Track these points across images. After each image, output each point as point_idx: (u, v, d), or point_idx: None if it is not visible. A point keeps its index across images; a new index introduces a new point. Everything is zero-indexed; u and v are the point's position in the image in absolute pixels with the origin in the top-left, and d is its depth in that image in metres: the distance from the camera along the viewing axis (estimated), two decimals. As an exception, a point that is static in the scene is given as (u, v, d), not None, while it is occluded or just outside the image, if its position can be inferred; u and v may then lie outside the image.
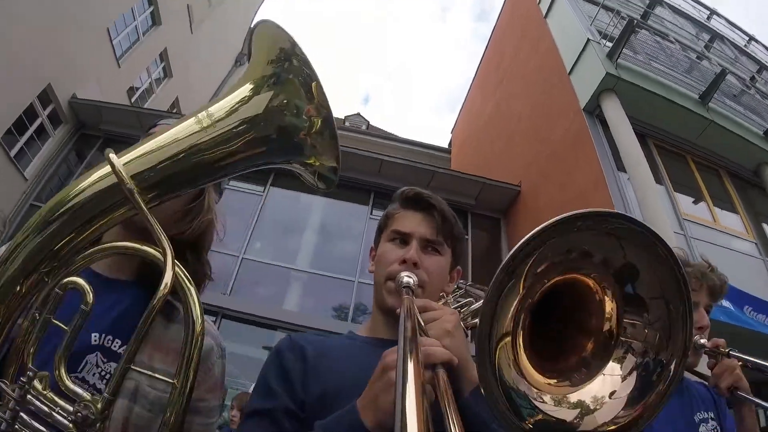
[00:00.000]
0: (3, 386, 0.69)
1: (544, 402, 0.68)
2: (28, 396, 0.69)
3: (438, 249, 1.14)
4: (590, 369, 0.71)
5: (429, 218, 1.14)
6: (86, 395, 0.72)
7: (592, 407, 0.68)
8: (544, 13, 10.43)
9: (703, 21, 12.22)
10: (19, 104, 9.00)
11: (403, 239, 1.13)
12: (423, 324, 0.88)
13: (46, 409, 0.70)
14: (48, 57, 9.20)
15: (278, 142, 0.84)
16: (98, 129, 10.60)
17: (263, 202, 9.59)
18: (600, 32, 8.68)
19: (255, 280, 9.08)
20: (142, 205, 0.73)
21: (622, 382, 0.69)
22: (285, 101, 0.82)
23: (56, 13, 8.99)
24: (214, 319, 7.94)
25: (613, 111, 7.57)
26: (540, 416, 0.67)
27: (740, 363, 1.38)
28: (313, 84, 0.80)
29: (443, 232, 1.14)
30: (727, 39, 12.10)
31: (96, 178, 0.75)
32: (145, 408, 0.93)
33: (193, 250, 1.10)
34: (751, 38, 12.80)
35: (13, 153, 9.05)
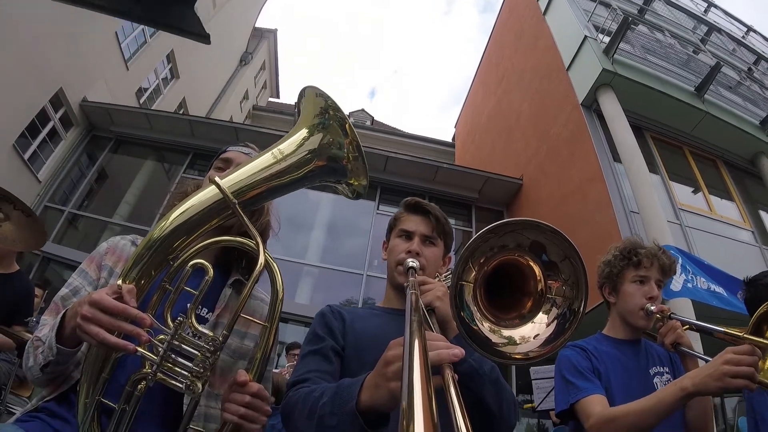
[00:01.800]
0: (162, 327, 1.01)
1: (482, 325, 0.98)
2: (178, 333, 1.01)
3: (434, 242, 1.54)
4: (525, 319, 1.01)
5: (427, 220, 1.54)
6: (210, 333, 1.03)
7: (517, 341, 0.98)
8: (543, 10, 10.54)
9: (700, 14, 12.26)
10: (31, 108, 9.24)
11: (408, 235, 1.53)
12: (421, 294, 1.21)
13: (188, 343, 1.02)
14: (59, 62, 9.43)
15: (330, 167, 1.20)
16: (109, 131, 10.87)
17: (272, 205, 9.79)
18: (597, 27, 8.81)
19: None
20: (241, 212, 1.09)
21: (546, 327, 0.99)
22: (331, 139, 1.17)
23: (65, 19, 9.13)
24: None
25: (610, 105, 7.74)
26: (475, 327, 0.97)
27: (686, 327, 1.65)
28: (347, 125, 1.16)
29: (437, 230, 1.54)
30: (725, 31, 12.14)
31: (207, 195, 1.11)
32: (228, 354, 1.29)
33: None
34: (750, 29, 12.84)
35: (26, 156, 9.29)
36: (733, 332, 1.44)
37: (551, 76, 9.59)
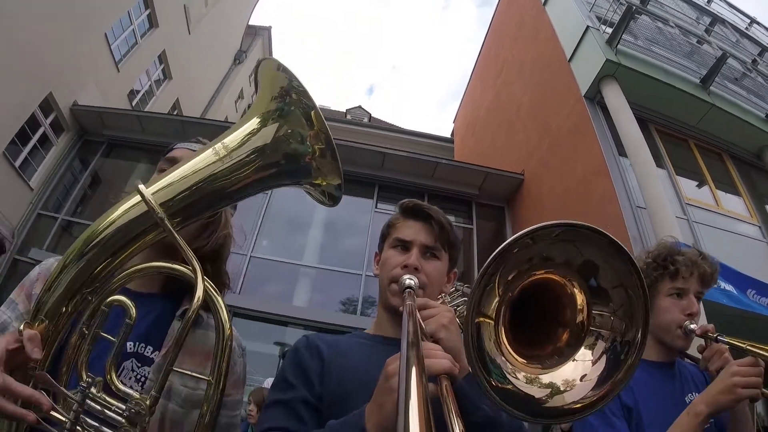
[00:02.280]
0: (66, 392, 0.80)
1: (516, 378, 0.78)
2: (87, 399, 0.80)
3: (436, 254, 1.27)
4: (563, 356, 0.81)
5: (428, 227, 1.26)
6: (136, 394, 0.82)
7: (562, 388, 0.78)
8: (542, 0, 10.37)
9: (703, 5, 12.07)
10: (20, 114, 9.05)
11: (405, 246, 1.26)
12: (422, 321, 0.98)
13: (101, 409, 0.81)
14: (47, 66, 9.24)
15: (286, 167, 0.97)
16: (101, 134, 10.69)
17: (269, 200, 9.66)
18: (599, 18, 8.62)
19: (264, 278, 9.18)
20: (173, 230, 0.84)
21: (593, 365, 0.79)
22: (289, 131, 0.94)
23: (53, 21, 8.99)
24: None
25: (614, 97, 7.56)
26: (509, 386, 0.76)
27: (728, 347, 1.45)
28: (312, 113, 0.92)
29: (441, 240, 1.26)
30: (728, 22, 11.95)
31: (127, 207, 0.86)
32: (178, 404, 1.05)
33: (213, 263, 1.20)
34: (753, 20, 12.64)
35: (17, 163, 9.13)
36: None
37: (552, 68, 9.40)
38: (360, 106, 22.26)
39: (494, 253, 0.73)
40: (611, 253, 0.75)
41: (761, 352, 1.32)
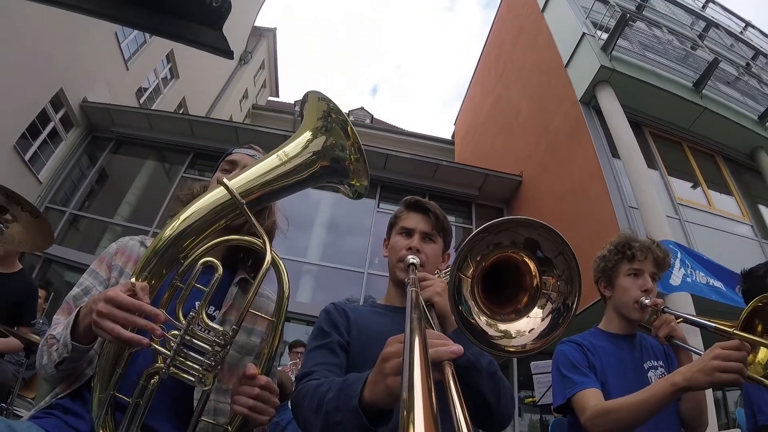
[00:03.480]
0: (174, 321, 1.05)
1: (479, 319, 1.01)
2: (190, 328, 1.05)
3: (433, 239, 1.57)
4: (519, 314, 1.04)
5: (426, 217, 1.58)
6: (220, 328, 1.07)
7: (513, 335, 1.01)
8: (541, 7, 10.55)
9: (698, 10, 12.25)
10: (32, 109, 9.24)
11: (408, 233, 1.57)
12: (421, 289, 1.26)
13: (200, 338, 1.06)
14: (59, 63, 9.45)
15: (333, 168, 1.26)
16: (109, 131, 10.86)
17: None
18: (595, 24, 8.80)
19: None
20: (248, 212, 1.14)
21: (541, 321, 1.02)
22: (334, 141, 1.22)
23: (64, 20, 9.09)
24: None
25: (608, 102, 7.76)
26: (472, 320, 1.00)
27: (679, 320, 1.68)
28: (348, 127, 1.20)
29: (437, 227, 1.58)
30: (723, 26, 12.13)
31: (214, 197, 1.15)
32: (236, 350, 1.31)
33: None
34: (748, 24, 12.81)
35: (27, 157, 9.30)
36: (724, 327, 1.47)
37: (550, 73, 9.60)
38: (362, 108, 22.46)
39: (465, 241, 0.98)
40: (543, 231, 0.98)
41: (747, 336, 1.36)
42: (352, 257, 9.76)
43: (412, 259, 1.44)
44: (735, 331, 1.41)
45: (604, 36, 8.21)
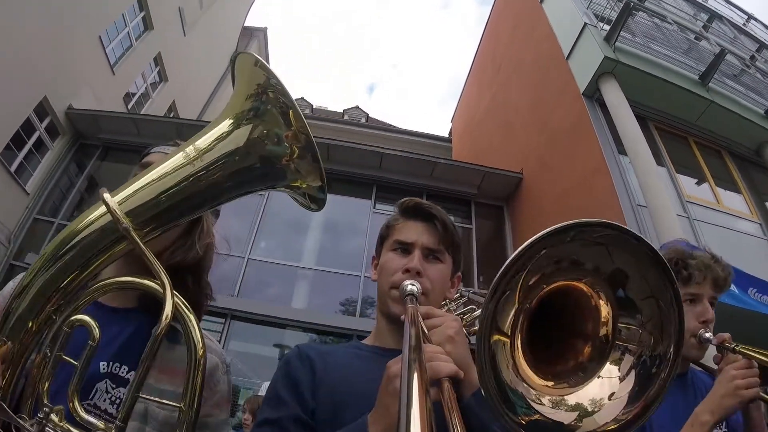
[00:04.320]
0: (21, 423, 0.73)
1: (541, 404, 0.70)
2: (46, 429, 0.73)
3: (439, 257, 1.18)
4: (587, 372, 0.74)
5: (431, 228, 1.17)
6: (100, 424, 0.77)
7: (590, 409, 0.71)
8: (539, -2, 10.35)
9: (701, 1, 12.06)
10: (15, 119, 8.99)
11: (405, 248, 1.17)
12: (426, 331, 0.91)
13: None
14: (42, 69, 9.18)
15: (262, 171, 0.91)
16: (97, 138, 10.62)
17: (266, 201, 9.61)
18: (597, 15, 8.59)
19: (262, 280, 9.15)
20: (139, 241, 0.78)
21: (621, 382, 0.72)
22: (265, 132, 0.87)
23: (47, 24, 8.94)
24: (223, 321, 8.02)
25: (613, 95, 7.52)
26: (537, 416, 0.69)
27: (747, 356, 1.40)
28: (291, 112, 0.85)
29: (444, 241, 1.17)
30: (726, 18, 11.93)
31: (93, 218, 0.80)
32: (155, 429, 0.98)
33: (193, 275, 1.14)
34: (750, 17, 12.63)
35: (13, 168, 9.07)
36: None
37: (550, 66, 9.37)
38: (357, 107, 22.23)
39: (520, 248, 0.65)
40: (646, 262, 0.69)
41: None
42: (348, 260, 9.52)
43: (410, 285, 1.06)
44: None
45: (606, 27, 7.98)
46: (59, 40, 9.30)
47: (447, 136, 18.36)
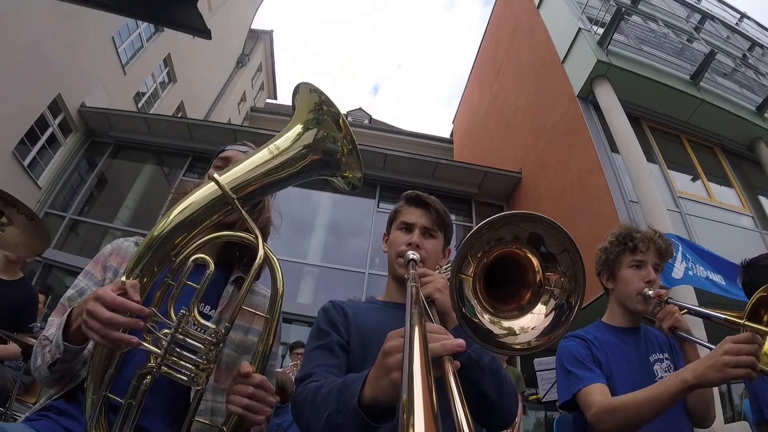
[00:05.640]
0: (165, 320, 1.03)
1: (483, 317, 1.00)
2: (181, 326, 1.03)
3: (434, 235, 1.54)
4: (523, 311, 1.03)
5: (427, 212, 1.55)
6: (213, 326, 1.05)
7: (516, 332, 1.00)
8: (536, 3, 10.54)
9: (693, 2, 12.23)
10: (30, 115, 9.26)
11: (408, 228, 1.54)
12: (421, 285, 1.22)
13: (191, 335, 1.04)
14: (56, 68, 9.46)
15: (325, 161, 1.23)
16: (108, 136, 10.86)
17: (272, 200, 9.80)
18: (591, 19, 8.80)
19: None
20: (240, 207, 1.11)
21: (544, 318, 1.00)
22: (325, 134, 1.19)
23: (62, 25, 9.15)
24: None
25: (606, 96, 7.74)
26: (476, 320, 0.99)
27: (684, 311, 1.66)
28: (340, 120, 1.18)
29: (437, 223, 1.54)
30: (718, 18, 12.11)
31: (204, 192, 1.13)
32: (232, 349, 1.30)
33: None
34: (743, 15, 12.78)
35: (26, 163, 9.33)
36: (732, 318, 1.44)
37: (547, 69, 9.58)
38: (360, 108, 22.44)
39: (465, 238, 0.97)
40: (548, 227, 0.96)
41: (758, 327, 1.34)
42: (352, 258, 9.75)
43: (412, 254, 1.41)
44: (745, 322, 1.37)
45: (600, 31, 8.19)
46: (73, 40, 9.56)
47: (449, 137, 18.53)
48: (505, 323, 1.01)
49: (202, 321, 1.06)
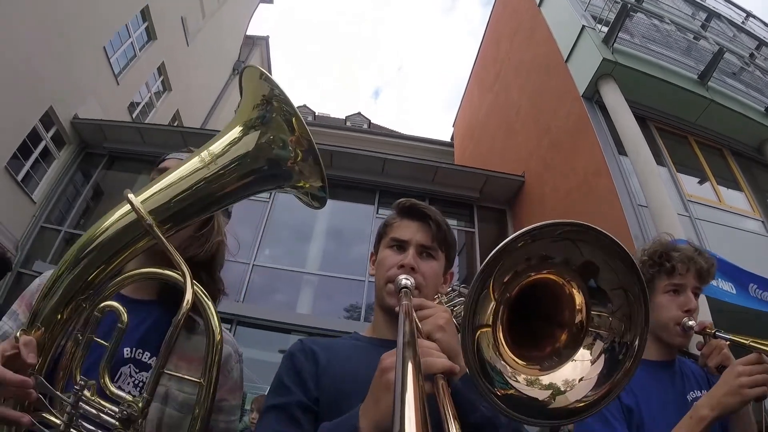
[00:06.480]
0: (60, 395, 0.83)
1: (517, 381, 0.77)
2: (80, 402, 0.82)
3: (433, 254, 1.25)
4: (562, 357, 0.81)
5: (425, 227, 1.25)
6: (128, 397, 0.84)
7: (563, 389, 0.78)
8: (537, 1, 10.41)
9: (699, 0, 12.08)
10: (22, 128, 9.14)
11: (401, 246, 1.24)
12: (419, 321, 0.96)
13: (95, 411, 0.84)
14: (47, 80, 9.33)
15: (269, 172, 1.00)
16: (102, 147, 10.76)
17: (270, 208, 9.68)
18: (595, 17, 8.64)
19: (267, 286, 9.20)
20: (162, 236, 0.87)
21: (591, 365, 0.79)
22: (272, 137, 0.97)
23: (52, 36, 9.07)
24: (229, 326, 8.06)
25: (612, 96, 7.55)
26: (512, 391, 0.76)
27: (728, 343, 1.44)
28: (294, 119, 0.95)
29: (438, 239, 1.25)
30: (724, 17, 11.96)
31: (118, 216, 0.90)
32: (175, 409, 1.07)
33: (206, 270, 1.22)
34: (749, 14, 12.66)
35: (20, 177, 9.21)
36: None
37: (550, 69, 9.42)
38: (359, 113, 22.31)
39: (494, 250, 0.72)
40: (612, 254, 0.74)
41: (765, 347, 1.28)
42: (352, 265, 9.55)
43: (405, 280, 1.14)
44: (750, 343, 1.32)
45: (604, 29, 8.03)
46: (64, 51, 9.45)
47: (449, 140, 18.45)
48: (545, 378, 0.79)
49: (116, 391, 0.87)
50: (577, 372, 0.79)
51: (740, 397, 1.20)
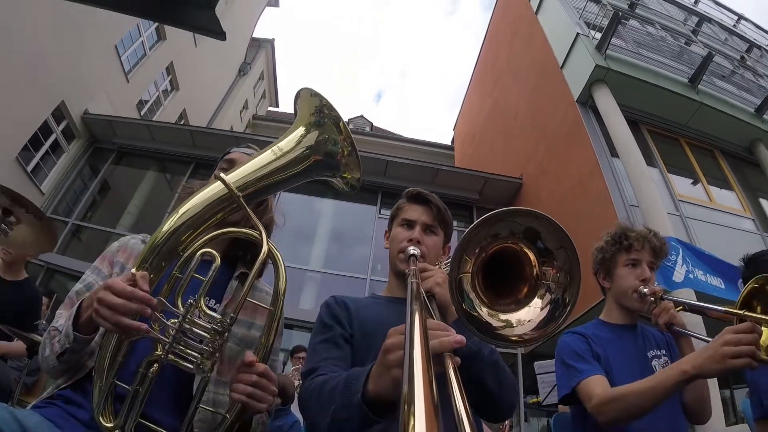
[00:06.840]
0: (172, 308, 1.07)
1: (482, 310, 1.03)
2: (188, 315, 1.07)
3: (434, 231, 1.58)
4: (521, 304, 1.06)
5: (428, 209, 1.59)
6: (218, 316, 1.09)
7: (514, 324, 1.03)
8: (534, 9, 10.61)
9: (690, 5, 12.26)
10: (34, 121, 9.35)
11: (410, 224, 1.57)
12: (422, 280, 1.26)
13: (197, 323, 1.08)
14: (60, 75, 9.56)
15: (326, 162, 1.29)
16: (111, 142, 10.95)
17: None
18: (588, 24, 8.85)
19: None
20: (245, 205, 1.16)
21: (539, 311, 1.03)
22: (326, 136, 1.25)
23: (66, 33, 9.25)
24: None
25: (605, 101, 7.77)
26: (476, 314, 1.02)
27: (679, 308, 1.69)
28: (341, 123, 1.24)
29: (438, 219, 1.58)
30: (716, 20, 12.13)
31: (211, 191, 1.18)
32: (234, 343, 1.35)
33: None
34: (740, 17, 12.78)
35: (29, 168, 9.41)
36: (728, 309, 1.46)
37: (546, 74, 9.63)
38: (362, 116, 22.50)
39: (462, 237, 1.00)
40: (544, 221, 0.99)
41: (757, 316, 1.34)
42: (354, 264, 9.77)
43: (412, 250, 1.45)
44: (745, 312, 1.37)
45: (598, 35, 8.23)
46: (77, 48, 9.66)
47: (449, 143, 18.58)
48: (503, 316, 1.04)
49: (209, 311, 1.09)
50: (529, 315, 1.04)
51: (721, 365, 1.23)
